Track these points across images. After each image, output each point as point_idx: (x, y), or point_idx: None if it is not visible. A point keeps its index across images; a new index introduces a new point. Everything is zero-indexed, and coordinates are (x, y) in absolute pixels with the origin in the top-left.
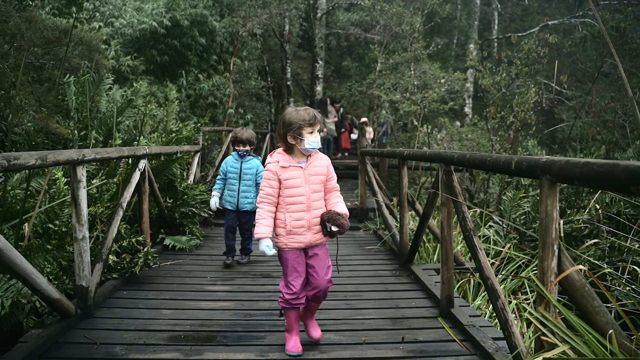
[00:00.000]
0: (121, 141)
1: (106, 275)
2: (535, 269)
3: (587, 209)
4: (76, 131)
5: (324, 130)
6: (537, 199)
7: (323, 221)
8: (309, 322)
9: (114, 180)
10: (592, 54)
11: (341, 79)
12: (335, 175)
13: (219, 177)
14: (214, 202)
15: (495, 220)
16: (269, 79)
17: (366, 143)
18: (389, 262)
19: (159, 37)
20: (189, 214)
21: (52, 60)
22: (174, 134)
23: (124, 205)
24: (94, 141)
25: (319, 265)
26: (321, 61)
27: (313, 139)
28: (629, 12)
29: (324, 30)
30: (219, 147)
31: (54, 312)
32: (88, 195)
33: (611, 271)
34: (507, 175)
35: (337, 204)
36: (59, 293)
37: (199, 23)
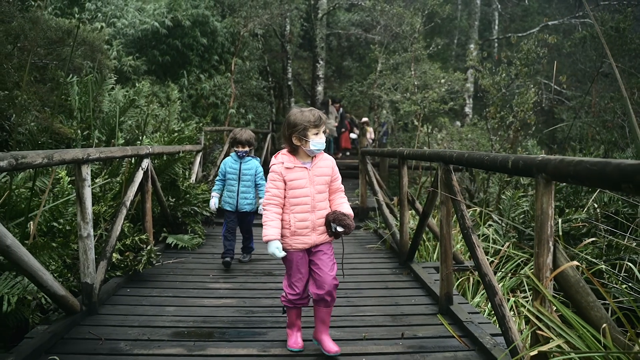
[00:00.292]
0: (124, 141)
1: (110, 273)
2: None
3: (585, 208)
4: (79, 131)
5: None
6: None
7: (328, 222)
8: (324, 337)
9: (117, 179)
10: (592, 54)
11: (342, 79)
12: (340, 176)
13: (218, 178)
14: (214, 202)
15: (495, 219)
16: (270, 79)
17: (367, 143)
18: (389, 260)
19: (160, 37)
20: (191, 213)
21: (55, 60)
22: (176, 133)
23: (128, 204)
24: (96, 141)
25: (323, 263)
26: (322, 61)
27: (318, 140)
28: (628, 12)
29: (325, 31)
30: (221, 146)
31: (59, 309)
32: (91, 194)
33: (608, 269)
34: (506, 175)
35: (342, 204)
36: (64, 290)
37: (201, 23)
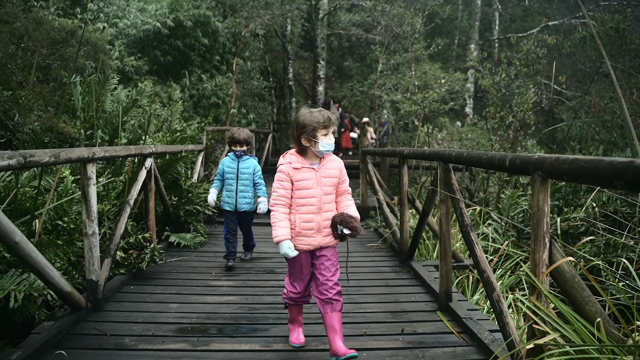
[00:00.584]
0: (126, 140)
1: (114, 270)
2: None
3: (583, 207)
4: (82, 130)
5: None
6: None
7: (334, 223)
8: (337, 345)
9: (120, 178)
10: (592, 55)
11: (343, 79)
12: (348, 179)
13: (216, 177)
14: (211, 197)
15: (494, 218)
16: (271, 79)
17: (367, 143)
18: (389, 258)
19: (162, 37)
20: (194, 211)
21: (58, 60)
22: (178, 133)
23: (131, 202)
24: (99, 140)
25: (326, 269)
26: (323, 61)
27: (327, 141)
28: (628, 13)
29: (326, 31)
30: (222, 146)
31: (64, 305)
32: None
33: (606, 267)
34: (505, 174)
35: (349, 207)
36: (70, 286)
37: (202, 24)
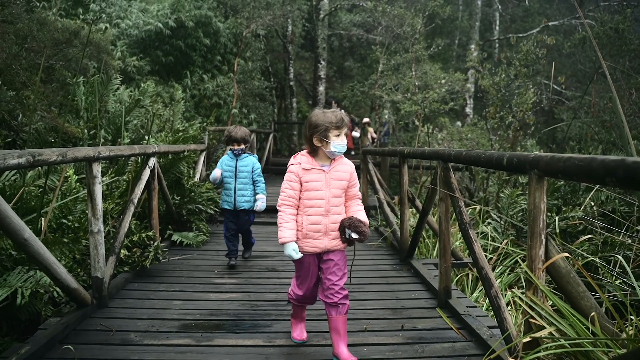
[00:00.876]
0: (129, 140)
1: (118, 268)
2: None
3: (582, 206)
4: (86, 130)
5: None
6: None
7: (343, 227)
8: (341, 350)
9: (124, 177)
10: (592, 55)
11: (343, 79)
12: (359, 183)
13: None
14: (216, 173)
15: (494, 217)
16: (272, 79)
17: (368, 143)
18: (389, 257)
19: (164, 38)
20: (196, 210)
21: (61, 61)
22: (180, 133)
23: (135, 201)
24: (102, 140)
25: (332, 272)
26: (324, 61)
27: (339, 142)
28: (627, 13)
29: (327, 31)
30: (224, 146)
31: (70, 302)
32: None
33: (603, 264)
34: (505, 174)
35: (358, 212)
36: (76, 283)
37: (204, 24)
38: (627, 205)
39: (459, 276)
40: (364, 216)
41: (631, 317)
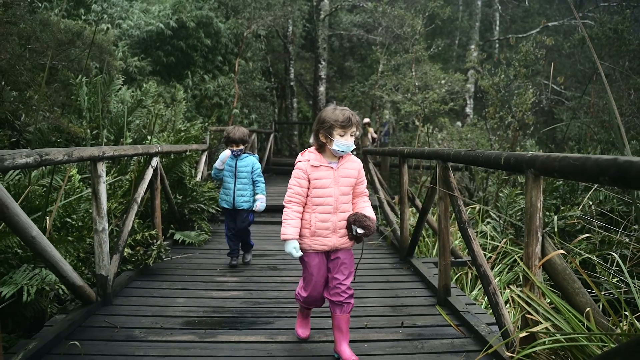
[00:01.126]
0: (131, 140)
1: (121, 266)
2: None
3: (580, 206)
4: (89, 130)
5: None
6: None
7: (349, 223)
8: (343, 349)
9: (126, 177)
10: (592, 55)
11: (344, 79)
12: (366, 180)
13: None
14: (226, 153)
15: (493, 216)
16: (272, 80)
17: (368, 143)
18: (390, 255)
19: (165, 38)
20: (198, 210)
21: (64, 61)
22: (182, 133)
23: (139, 200)
24: (105, 140)
25: (340, 272)
26: (324, 62)
27: (342, 142)
28: (627, 14)
29: (327, 32)
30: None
31: (75, 299)
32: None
33: (600, 263)
34: (504, 174)
35: (365, 208)
36: (82, 280)
37: (205, 24)
38: (625, 204)
39: (458, 274)
40: (370, 212)
41: (625, 313)
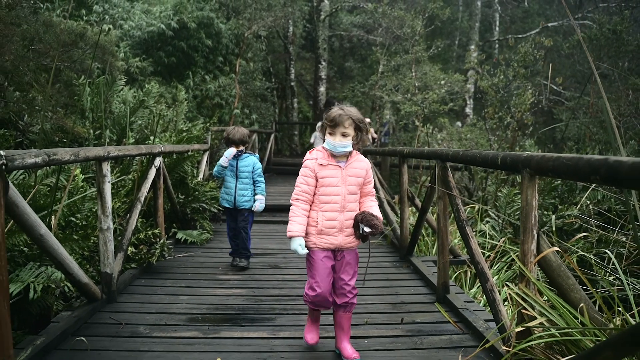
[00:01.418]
0: (134, 140)
1: (125, 265)
2: None
3: (578, 205)
4: (92, 130)
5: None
6: None
7: (357, 222)
8: (344, 345)
9: (129, 177)
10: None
11: (344, 79)
12: (373, 180)
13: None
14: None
15: (492, 215)
16: (273, 80)
17: (368, 143)
18: (390, 254)
19: (166, 39)
20: (200, 209)
21: (66, 62)
22: (184, 133)
23: (142, 199)
24: (108, 140)
25: (345, 272)
26: (324, 62)
27: (331, 140)
28: (625, 15)
29: (327, 32)
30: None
31: (80, 297)
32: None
33: (597, 261)
34: (503, 174)
35: (372, 207)
36: (87, 278)
37: (206, 25)
38: (623, 204)
39: (457, 273)
40: (378, 212)
41: (619, 309)
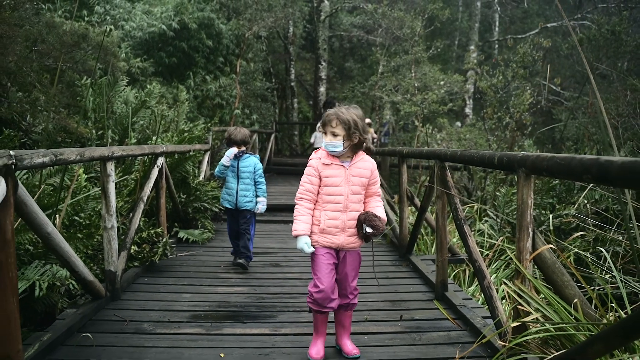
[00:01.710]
0: (136, 140)
1: (128, 263)
2: None
3: (575, 205)
4: (94, 131)
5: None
6: None
7: (359, 222)
8: (344, 342)
9: (131, 176)
10: (590, 56)
11: (344, 80)
12: (379, 180)
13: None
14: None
15: (491, 215)
16: (273, 80)
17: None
18: (389, 253)
19: (167, 39)
20: (201, 209)
21: (69, 63)
22: (185, 133)
23: (145, 199)
24: (110, 140)
25: (346, 273)
26: (324, 62)
27: (324, 140)
28: (624, 15)
29: (327, 32)
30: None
31: (85, 294)
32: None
33: (593, 259)
34: (501, 173)
35: (376, 208)
36: (92, 276)
37: (206, 26)
38: (621, 204)
39: (456, 271)
40: (381, 213)
41: (612, 305)
